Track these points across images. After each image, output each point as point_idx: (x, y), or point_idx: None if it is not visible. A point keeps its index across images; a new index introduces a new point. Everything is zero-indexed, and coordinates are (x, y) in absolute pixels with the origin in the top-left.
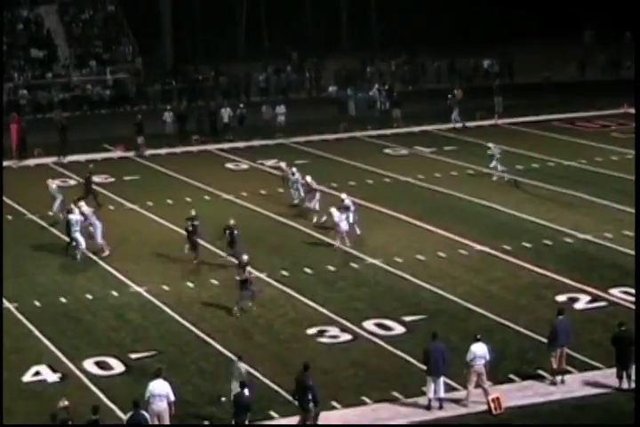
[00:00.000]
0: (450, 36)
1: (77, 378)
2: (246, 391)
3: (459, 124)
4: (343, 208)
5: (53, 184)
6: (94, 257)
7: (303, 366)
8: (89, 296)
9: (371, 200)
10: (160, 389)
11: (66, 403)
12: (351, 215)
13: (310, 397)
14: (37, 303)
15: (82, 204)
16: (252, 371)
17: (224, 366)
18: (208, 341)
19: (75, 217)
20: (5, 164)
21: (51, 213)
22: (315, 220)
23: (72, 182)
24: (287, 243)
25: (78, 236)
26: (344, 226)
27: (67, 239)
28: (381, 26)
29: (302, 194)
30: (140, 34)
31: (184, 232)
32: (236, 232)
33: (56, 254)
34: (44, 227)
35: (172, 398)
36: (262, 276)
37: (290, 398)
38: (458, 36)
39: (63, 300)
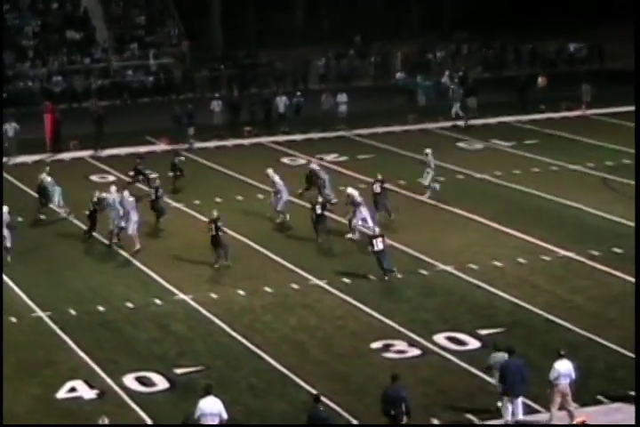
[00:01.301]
0: (531, 17)
1: (116, 395)
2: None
3: (460, 122)
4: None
5: (48, 177)
6: (135, 260)
7: (392, 377)
8: (129, 304)
9: (442, 200)
10: (212, 407)
11: (106, 421)
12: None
13: (404, 409)
14: (72, 312)
15: (126, 192)
16: (309, 389)
17: (277, 382)
18: (260, 354)
19: (111, 197)
20: (38, 157)
21: (60, 209)
22: (349, 236)
23: (111, 178)
24: (348, 247)
25: (115, 216)
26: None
27: (84, 227)
28: (454, 6)
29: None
30: (187, 14)
31: (209, 233)
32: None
33: (92, 258)
34: (79, 226)
35: (225, 416)
36: (321, 283)
37: (352, 419)
38: (539, 16)
39: (100, 308)
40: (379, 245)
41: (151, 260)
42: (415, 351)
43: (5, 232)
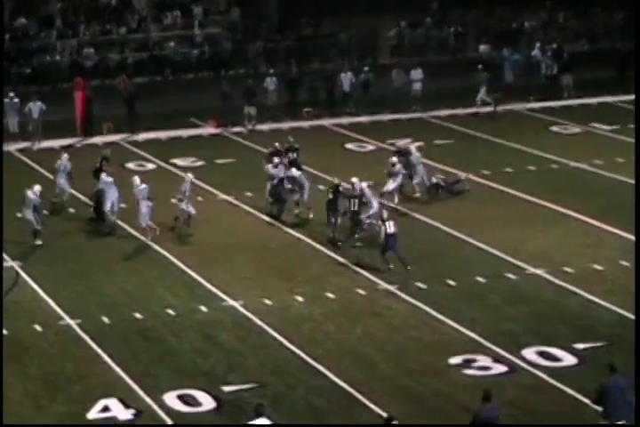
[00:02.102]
0: None
1: (155, 415)
2: None
3: (487, 108)
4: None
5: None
6: (177, 261)
7: (483, 396)
8: (170, 312)
9: (532, 192)
10: None
11: None
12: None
13: None
14: (106, 320)
15: (137, 179)
16: (377, 410)
17: (340, 402)
18: (320, 370)
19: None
20: (67, 142)
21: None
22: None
23: (150, 166)
24: (425, 246)
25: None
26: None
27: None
28: None
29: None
30: None
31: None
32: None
33: (127, 258)
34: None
35: None
36: (391, 288)
37: None
38: None
39: (138, 315)
40: (391, 227)
41: (195, 260)
42: (500, 368)
43: (31, 215)
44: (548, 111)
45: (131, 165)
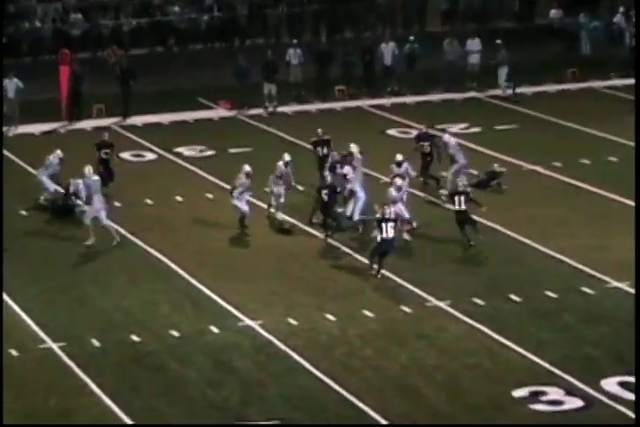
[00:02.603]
0: None
1: None
2: None
3: (508, 91)
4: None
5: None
6: (183, 272)
7: None
8: (174, 333)
9: (612, 187)
10: None
11: None
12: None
13: None
14: (96, 343)
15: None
16: None
17: None
18: (356, 404)
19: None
20: (49, 127)
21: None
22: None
23: (150, 156)
24: (481, 252)
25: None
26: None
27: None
28: None
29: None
30: None
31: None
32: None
33: (125, 267)
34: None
35: None
36: (442, 305)
37: None
38: None
39: (135, 338)
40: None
41: (205, 270)
42: (576, 402)
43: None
44: (633, 90)
45: (126, 155)
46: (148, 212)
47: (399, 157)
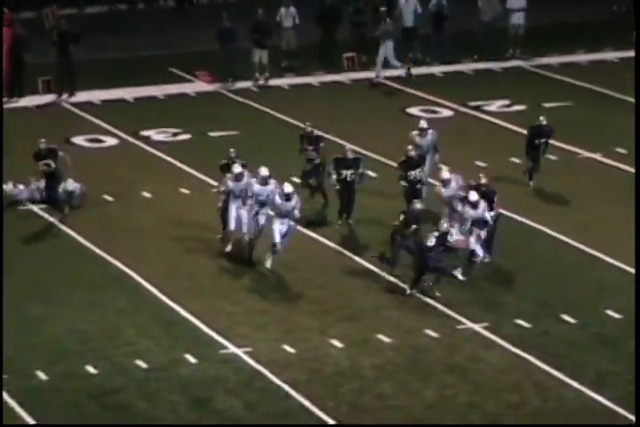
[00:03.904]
0: None
1: None
2: None
3: (400, 70)
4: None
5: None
6: (151, 286)
7: None
8: (141, 364)
9: None
10: None
11: None
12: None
13: None
14: (42, 376)
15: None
16: None
17: None
18: None
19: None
20: None
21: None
22: None
23: (110, 141)
24: (526, 262)
25: None
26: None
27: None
28: None
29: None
30: None
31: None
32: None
33: (81, 281)
34: (66, 232)
35: None
36: (478, 328)
37: None
38: None
39: (92, 370)
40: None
41: (180, 285)
42: None
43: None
44: None
45: (79, 140)
46: (108, 211)
47: (423, 124)
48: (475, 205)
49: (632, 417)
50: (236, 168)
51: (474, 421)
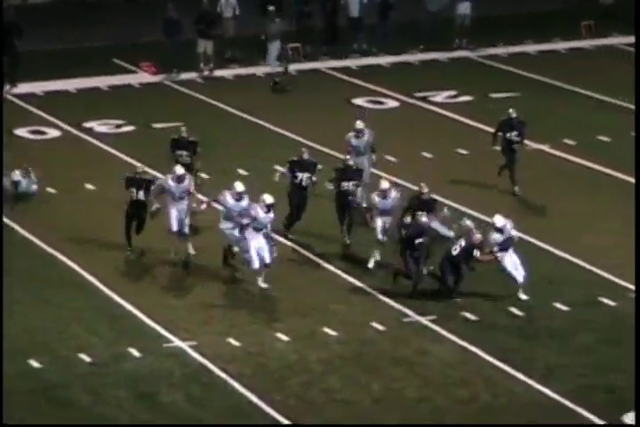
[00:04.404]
0: None
1: None
2: None
3: (277, 69)
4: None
5: None
6: (96, 282)
7: None
8: (85, 358)
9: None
10: None
11: None
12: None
13: None
14: None
15: None
16: None
17: None
18: None
19: None
20: None
21: None
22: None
23: (52, 133)
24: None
25: None
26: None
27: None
28: None
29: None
30: None
31: None
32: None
33: (25, 275)
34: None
35: None
36: (425, 321)
37: None
38: None
39: (35, 364)
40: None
41: (125, 280)
42: None
43: None
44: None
45: (22, 132)
46: (52, 204)
47: (360, 125)
48: (501, 231)
49: (581, 411)
50: (179, 170)
51: (423, 415)
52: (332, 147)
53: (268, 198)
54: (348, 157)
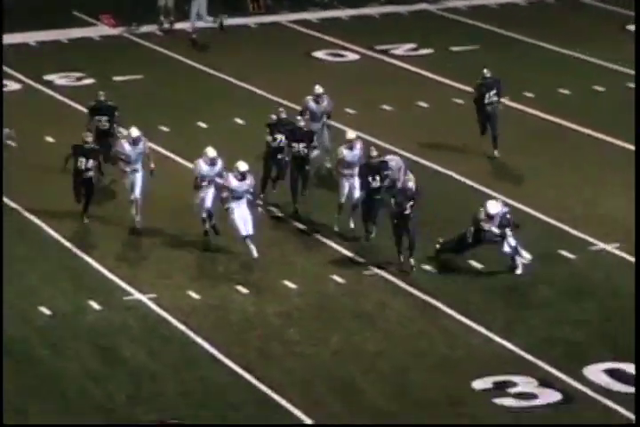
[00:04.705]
0: None
1: None
2: None
3: (208, 24)
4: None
5: None
6: (56, 235)
7: None
8: (45, 311)
9: (600, 125)
10: None
11: None
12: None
13: None
14: None
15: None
16: None
17: None
18: (277, 401)
19: None
20: None
21: None
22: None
23: (13, 86)
24: (431, 206)
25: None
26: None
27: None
28: None
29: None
30: None
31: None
32: None
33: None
34: None
35: None
36: (385, 273)
37: None
38: None
39: None
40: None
41: (85, 234)
42: (552, 395)
43: None
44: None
45: None
46: (12, 157)
47: (319, 89)
48: (492, 218)
49: (541, 364)
50: (134, 132)
51: (382, 369)
52: (291, 100)
53: (242, 165)
54: (299, 117)
